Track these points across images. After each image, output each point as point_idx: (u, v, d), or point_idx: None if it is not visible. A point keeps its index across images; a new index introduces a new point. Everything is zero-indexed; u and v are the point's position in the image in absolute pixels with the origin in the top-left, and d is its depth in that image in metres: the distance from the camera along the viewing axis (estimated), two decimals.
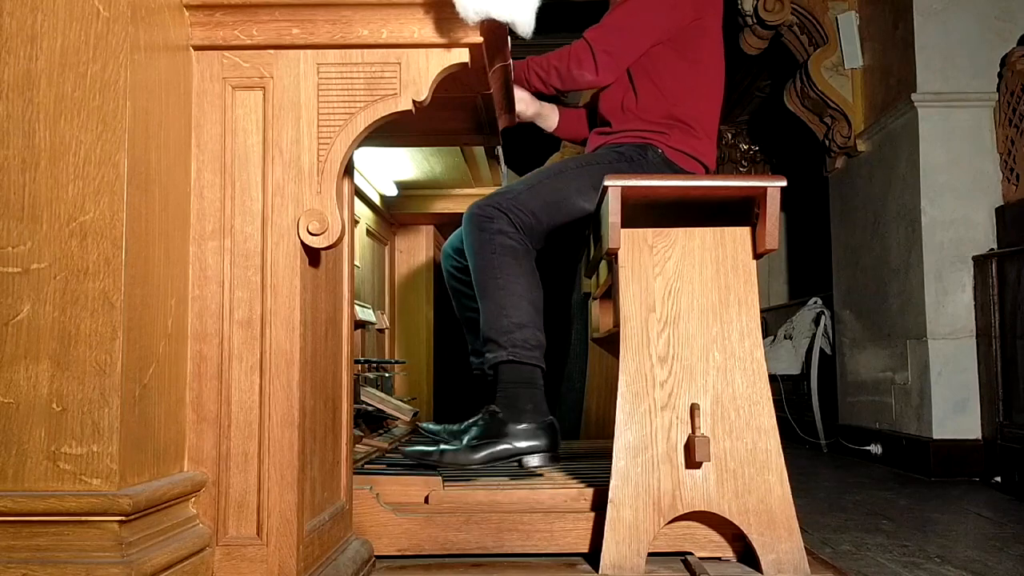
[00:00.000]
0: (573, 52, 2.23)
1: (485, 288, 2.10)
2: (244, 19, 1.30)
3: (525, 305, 2.07)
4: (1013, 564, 2.08)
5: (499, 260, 2.09)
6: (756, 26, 4.50)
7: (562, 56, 2.25)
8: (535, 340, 2.06)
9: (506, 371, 2.05)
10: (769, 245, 1.76)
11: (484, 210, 2.13)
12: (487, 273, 2.10)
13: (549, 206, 2.16)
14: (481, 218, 2.12)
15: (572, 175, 2.21)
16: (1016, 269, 3.35)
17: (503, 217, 2.11)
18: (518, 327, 2.05)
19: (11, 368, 1.09)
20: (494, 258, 2.09)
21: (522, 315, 2.06)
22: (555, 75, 2.26)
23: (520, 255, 2.10)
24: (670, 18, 2.26)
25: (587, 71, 2.22)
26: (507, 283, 2.07)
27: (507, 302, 2.06)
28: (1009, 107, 3.57)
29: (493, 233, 2.10)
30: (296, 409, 1.28)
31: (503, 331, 2.05)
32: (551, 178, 2.21)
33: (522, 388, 2.04)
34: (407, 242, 3.38)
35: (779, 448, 1.73)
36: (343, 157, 1.31)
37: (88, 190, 1.10)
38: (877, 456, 4.11)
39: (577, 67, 2.22)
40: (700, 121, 2.32)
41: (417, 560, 1.78)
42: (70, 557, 1.05)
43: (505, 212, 2.11)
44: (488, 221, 2.11)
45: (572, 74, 2.23)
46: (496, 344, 2.06)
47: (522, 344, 2.04)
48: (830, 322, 4.89)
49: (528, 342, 2.05)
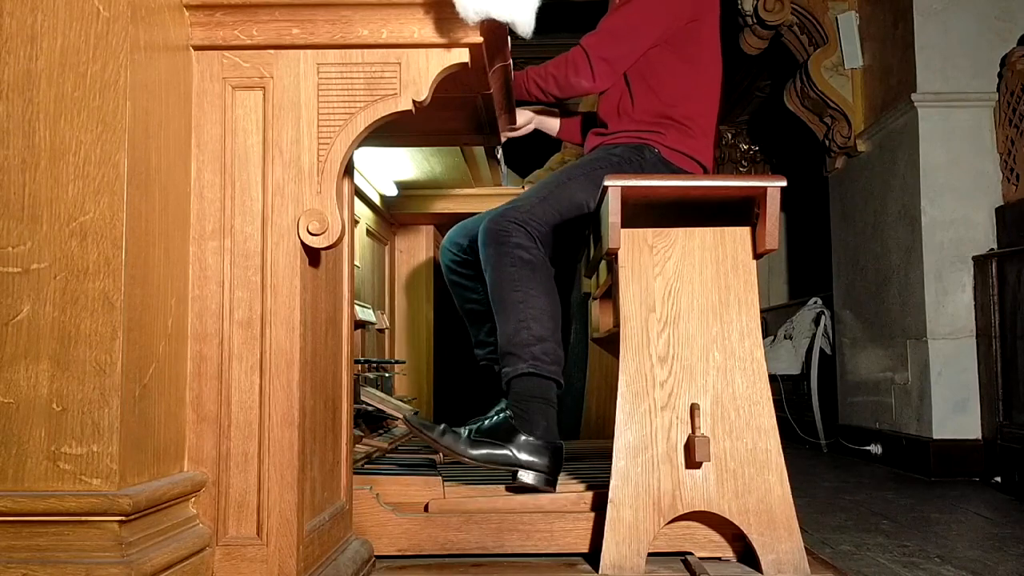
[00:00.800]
0: (570, 60, 2.24)
1: (504, 302, 2.07)
2: (244, 19, 1.30)
3: (546, 320, 2.05)
4: (1013, 564, 2.08)
5: (519, 274, 2.07)
6: (756, 26, 4.50)
7: (559, 64, 2.26)
8: (555, 355, 2.04)
9: (525, 383, 2.02)
10: (769, 245, 1.76)
11: (500, 224, 2.11)
12: (506, 287, 2.07)
13: (564, 216, 2.15)
14: (499, 232, 2.10)
15: (580, 183, 2.20)
16: (1016, 269, 3.35)
17: (521, 231, 2.09)
18: (539, 340, 2.02)
19: (11, 368, 1.09)
20: (513, 271, 2.07)
21: (543, 329, 2.03)
22: (553, 83, 2.26)
23: (539, 269, 2.09)
24: (667, 20, 2.26)
25: (584, 78, 2.23)
26: (527, 297, 2.05)
27: (528, 315, 2.03)
28: (1009, 107, 3.57)
29: (512, 247, 2.08)
30: (296, 409, 1.28)
31: (524, 344, 2.02)
32: (561, 187, 2.20)
33: (538, 403, 2.01)
34: (407, 242, 3.38)
35: (779, 448, 1.73)
36: (343, 157, 1.31)
37: (88, 190, 1.10)
38: (877, 456, 4.11)
39: (575, 74, 2.23)
40: (697, 121, 2.32)
41: (417, 560, 1.78)
42: (70, 557, 1.05)
43: (522, 225, 2.10)
44: (506, 235, 2.09)
45: (570, 81, 2.24)
46: (516, 357, 2.02)
47: (543, 358, 2.02)
48: (830, 322, 4.89)
49: (548, 355, 2.02)
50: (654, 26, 2.25)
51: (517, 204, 2.19)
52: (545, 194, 2.18)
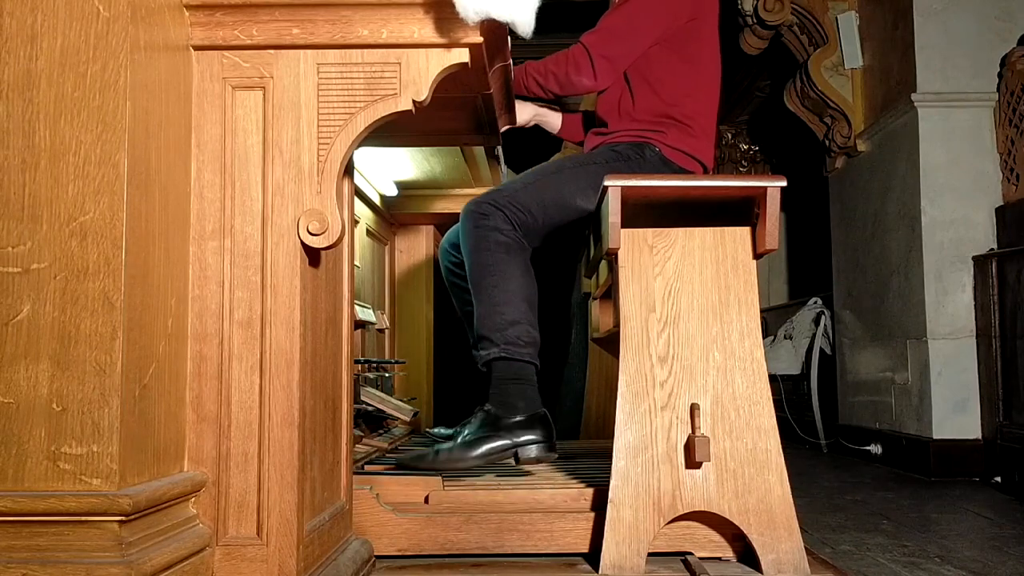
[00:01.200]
0: (571, 57, 2.24)
1: (479, 285, 2.10)
2: (244, 19, 1.30)
3: (518, 302, 2.06)
4: (1013, 564, 2.08)
5: (493, 257, 2.08)
6: (756, 26, 4.50)
7: (559, 61, 2.26)
8: (528, 337, 2.05)
9: (499, 367, 2.04)
10: (769, 245, 1.76)
11: (480, 207, 2.13)
12: (481, 270, 2.09)
13: (546, 204, 2.15)
14: (477, 215, 2.12)
15: (569, 174, 2.21)
16: (1016, 269, 3.35)
17: (499, 214, 2.11)
18: (511, 324, 2.04)
19: (11, 368, 1.09)
20: (488, 255, 2.09)
21: (515, 312, 2.05)
22: (553, 80, 2.27)
23: (514, 252, 2.10)
24: (667, 19, 2.26)
25: (585, 76, 2.23)
26: (500, 280, 2.07)
27: (500, 299, 2.05)
28: (1009, 107, 3.57)
29: (488, 230, 2.10)
30: (296, 409, 1.28)
31: (496, 328, 2.05)
32: (548, 176, 2.21)
33: (513, 384, 2.03)
34: (407, 242, 3.38)
35: (779, 448, 1.73)
36: (343, 157, 1.31)
37: (88, 190, 1.10)
38: (877, 456, 4.11)
39: (576, 72, 2.23)
40: (697, 120, 2.32)
41: (417, 560, 1.78)
42: (70, 557, 1.05)
43: (501, 209, 2.11)
44: (484, 218, 2.11)
45: (570, 79, 2.24)
46: (489, 341, 2.05)
47: (515, 341, 2.04)
48: (830, 322, 4.89)
49: (521, 339, 2.04)
50: (654, 25, 2.25)
51: (501, 188, 2.20)
52: (531, 180, 2.19)
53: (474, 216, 2.12)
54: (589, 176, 2.17)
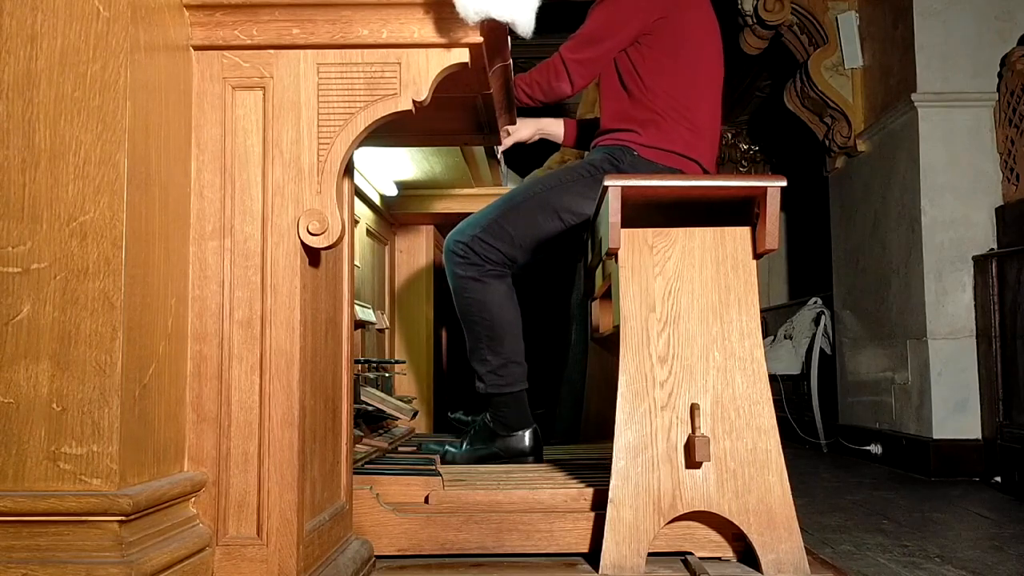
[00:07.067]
0: (551, 66, 2.43)
1: (465, 320, 2.35)
2: (244, 19, 1.30)
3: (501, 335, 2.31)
4: (1013, 564, 2.08)
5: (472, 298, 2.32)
6: (756, 26, 4.50)
7: (542, 71, 2.44)
8: (515, 374, 2.33)
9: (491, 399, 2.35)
10: (769, 245, 1.76)
11: (457, 247, 2.33)
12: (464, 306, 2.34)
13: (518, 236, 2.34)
14: (454, 256, 2.33)
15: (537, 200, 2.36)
16: (1016, 269, 3.35)
17: (474, 255, 2.31)
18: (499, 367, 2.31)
19: (11, 368, 1.09)
20: (468, 297, 2.32)
21: (499, 355, 2.31)
22: (538, 89, 2.45)
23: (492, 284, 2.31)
24: (638, 19, 2.37)
25: (563, 82, 2.41)
26: (482, 319, 2.32)
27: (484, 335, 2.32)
28: (1009, 107, 3.57)
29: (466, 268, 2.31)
30: (296, 409, 1.28)
31: (486, 369, 2.33)
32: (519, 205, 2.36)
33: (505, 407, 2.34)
34: (407, 242, 3.38)
35: (779, 448, 1.73)
36: (343, 157, 1.31)
37: (88, 190, 1.10)
38: (877, 456, 4.11)
39: (556, 80, 2.41)
40: (687, 115, 2.35)
41: (417, 560, 1.78)
42: (70, 557, 1.05)
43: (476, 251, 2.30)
44: (461, 260, 2.32)
45: (552, 86, 2.43)
46: (479, 378, 2.35)
47: (501, 379, 2.32)
48: (830, 322, 4.89)
49: (507, 378, 2.32)
50: (624, 26, 2.37)
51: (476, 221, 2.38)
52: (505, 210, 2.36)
53: (451, 257, 2.34)
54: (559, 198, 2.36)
